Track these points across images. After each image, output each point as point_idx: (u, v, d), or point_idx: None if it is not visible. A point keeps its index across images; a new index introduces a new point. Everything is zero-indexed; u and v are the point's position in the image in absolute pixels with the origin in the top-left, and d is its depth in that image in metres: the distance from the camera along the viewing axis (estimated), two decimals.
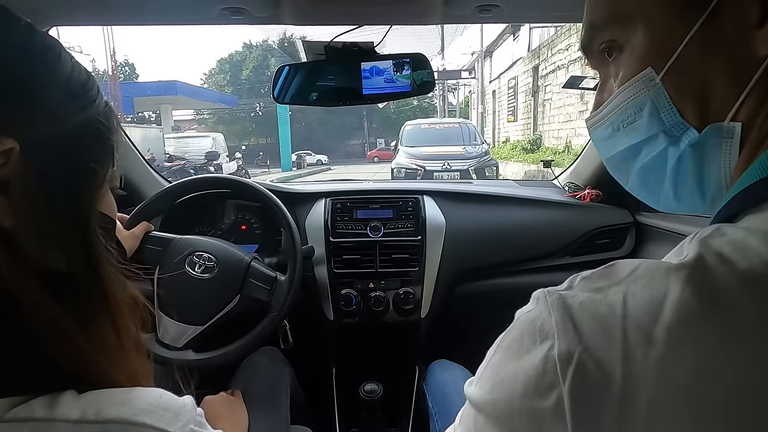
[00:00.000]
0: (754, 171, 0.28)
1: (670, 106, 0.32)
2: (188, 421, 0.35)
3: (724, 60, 0.30)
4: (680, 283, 0.24)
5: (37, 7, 0.79)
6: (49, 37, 0.37)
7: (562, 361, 0.25)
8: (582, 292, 0.27)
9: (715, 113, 0.31)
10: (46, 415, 0.31)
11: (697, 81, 0.31)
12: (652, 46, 0.32)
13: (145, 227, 0.99)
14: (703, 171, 0.33)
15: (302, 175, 14.66)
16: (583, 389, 0.25)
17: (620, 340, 0.24)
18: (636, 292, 0.25)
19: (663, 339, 0.24)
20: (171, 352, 0.91)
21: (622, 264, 0.28)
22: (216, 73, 29.65)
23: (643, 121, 0.34)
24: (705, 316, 0.24)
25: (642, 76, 0.33)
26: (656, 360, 0.24)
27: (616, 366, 0.24)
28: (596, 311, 0.26)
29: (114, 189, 0.43)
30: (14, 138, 0.32)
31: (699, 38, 0.30)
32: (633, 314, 0.25)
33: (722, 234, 0.26)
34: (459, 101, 26.42)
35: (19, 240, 0.33)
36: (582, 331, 0.26)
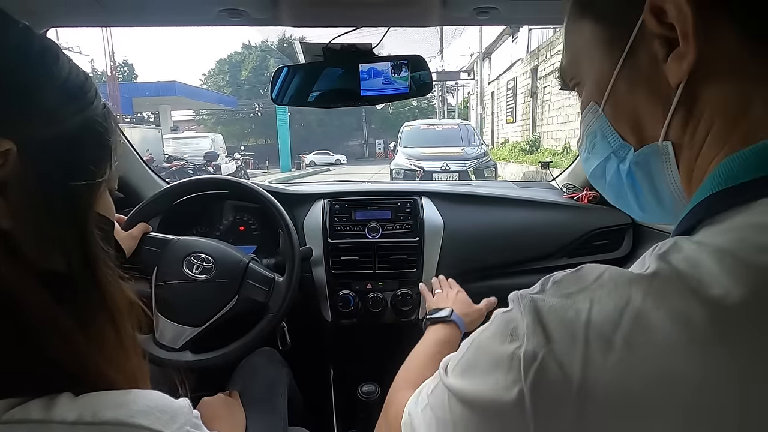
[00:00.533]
0: (707, 185, 0.31)
1: (612, 132, 0.38)
2: (185, 423, 0.35)
3: (646, 90, 0.35)
4: (641, 294, 0.27)
5: (35, 8, 0.79)
6: (46, 40, 0.37)
7: (526, 359, 0.28)
8: (552, 297, 0.30)
9: (649, 135, 0.36)
10: (43, 416, 0.31)
11: (629, 109, 0.36)
12: (593, 83, 0.39)
13: (143, 228, 0.99)
14: (655, 185, 0.37)
15: (301, 176, 14.66)
16: (543, 387, 0.27)
17: (582, 344, 0.27)
18: (601, 298, 0.28)
19: (621, 345, 0.26)
20: (168, 353, 0.91)
21: (589, 269, 0.30)
22: (215, 74, 29.65)
23: (599, 146, 0.40)
24: (661, 326, 0.25)
25: (590, 108, 0.39)
26: (614, 364, 0.26)
27: (576, 367, 0.26)
28: (564, 316, 0.28)
29: (112, 190, 0.43)
30: (12, 139, 0.33)
31: (624, 75, 0.36)
32: (596, 320, 0.27)
33: (679, 249, 0.28)
34: (458, 102, 26.44)
35: (17, 241, 0.33)
36: (550, 333, 0.28)
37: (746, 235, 0.27)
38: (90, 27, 0.95)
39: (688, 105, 0.33)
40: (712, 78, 0.31)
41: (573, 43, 0.41)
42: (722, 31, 0.31)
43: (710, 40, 0.31)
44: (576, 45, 0.40)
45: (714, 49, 0.31)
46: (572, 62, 0.41)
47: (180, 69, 74.37)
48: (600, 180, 0.42)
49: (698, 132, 0.33)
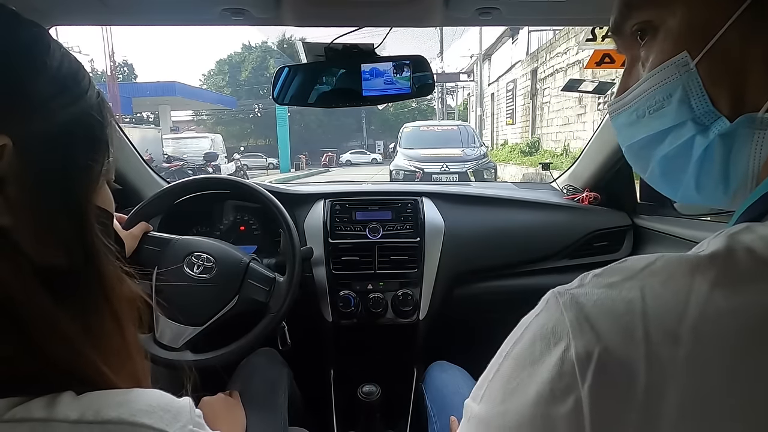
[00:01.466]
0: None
1: (702, 94, 0.31)
2: (187, 422, 0.35)
3: (764, 49, 0.29)
4: (707, 280, 0.23)
5: (36, 6, 0.78)
6: (36, 27, 0.36)
7: (580, 361, 0.24)
8: (595, 288, 0.26)
9: (749, 103, 0.30)
10: (45, 415, 0.30)
11: (734, 69, 0.30)
12: (689, 29, 0.31)
13: (143, 227, 0.98)
14: (730, 163, 0.31)
15: (301, 177, 14.66)
16: (605, 391, 0.24)
17: (643, 339, 0.23)
18: (655, 288, 0.24)
19: (690, 338, 0.23)
20: (169, 352, 0.91)
21: (635, 258, 0.27)
22: (215, 74, 29.65)
23: (671, 108, 0.33)
24: (734, 313, 0.23)
25: (675, 61, 0.32)
26: (684, 359, 0.23)
27: (640, 366, 0.23)
28: (613, 308, 0.25)
29: (110, 182, 0.42)
30: (7, 134, 0.32)
31: (741, 24, 0.29)
32: (655, 312, 0.24)
33: (752, 231, 0.25)
34: (458, 104, 26.46)
35: (17, 238, 0.33)
36: (600, 330, 0.24)
37: None
38: (92, 26, 0.95)
39: None
40: None
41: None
42: None
43: None
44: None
45: None
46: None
47: (180, 69, 74.43)
48: (645, 150, 0.35)
49: None
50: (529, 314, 0.29)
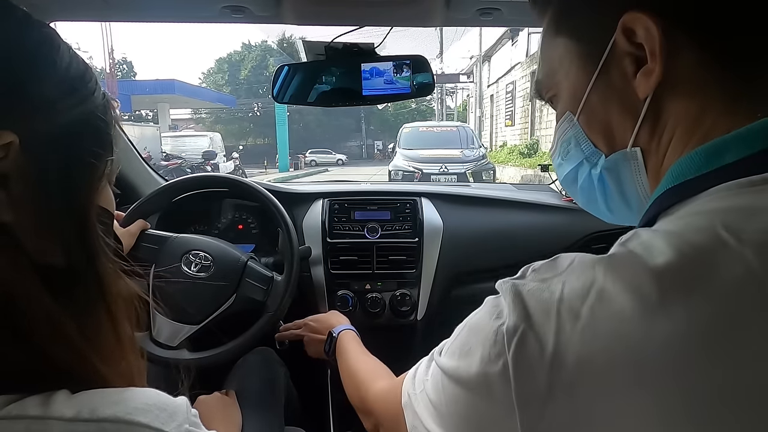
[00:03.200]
0: (663, 183, 0.36)
1: (585, 139, 0.42)
2: (183, 421, 0.35)
3: (618, 102, 0.38)
4: (602, 272, 0.31)
5: (35, 1, 0.78)
6: (46, 28, 0.36)
7: (509, 333, 0.32)
8: (532, 281, 0.34)
9: (619, 142, 0.39)
10: (41, 413, 0.30)
11: (601, 119, 0.40)
12: (569, 95, 0.42)
13: (141, 225, 0.98)
14: (623, 187, 0.41)
15: (299, 176, 14.65)
16: (523, 357, 0.31)
17: (555, 317, 0.31)
18: (572, 281, 0.32)
19: (587, 314, 0.30)
20: (165, 351, 0.90)
21: (563, 258, 0.35)
22: (214, 73, 29.62)
23: (572, 152, 0.43)
24: (618, 296, 0.29)
25: (566, 118, 0.43)
26: (580, 330, 0.29)
27: (550, 337, 0.30)
28: (540, 296, 0.32)
29: (111, 183, 0.42)
30: (14, 131, 0.32)
31: (597, 88, 0.39)
32: (567, 297, 0.31)
33: (637, 237, 0.33)
34: (457, 105, 26.49)
35: (18, 234, 0.33)
36: (528, 310, 0.32)
37: (690, 220, 0.31)
38: (91, 22, 0.95)
39: (654, 115, 0.36)
40: (675, 92, 0.35)
41: (549, 58, 0.43)
42: (685, 52, 0.34)
43: (674, 59, 0.34)
44: (552, 59, 0.43)
45: (677, 67, 0.34)
46: (549, 75, 0.44)
47: (179, 67, 74.31)
48: (572, 184, 0.46)
49: (663, 139, 0.37)
50: (488, 297, 0.38)
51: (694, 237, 0.30)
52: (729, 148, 0.33)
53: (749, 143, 0.32)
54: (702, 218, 0.31)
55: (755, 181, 0.31)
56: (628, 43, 0.36)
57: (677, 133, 0.36)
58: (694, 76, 0.34)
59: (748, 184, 0.31)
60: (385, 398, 0.60)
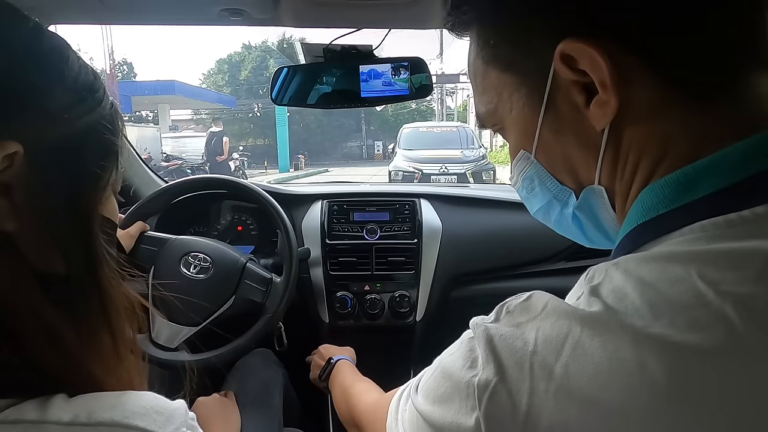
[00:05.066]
0: (632, 217, 0.33)
1: (549, 177, 0.38)
2: (180, 424, 0.35)
3: (574, 136, 0.35)
4: (579, 327, 0.28)
5: (35, 4, 0.78)
6: (56, 38, 0.36)
7: (480, 388, 0.30)
8: (505, 326, 0.31)
9: (585, 179, 0.36)
10: (38, 417, 0.30)
11: (560, 155, 0.36)
12: (518, 132, 0.38)
13: (140, 227, 0.98)
14: (599, 221, 0.38)
15: (299, 177, 14.65)
16: (495, 415, 0.29)
17: (528, 373, 0.28)
18: (545, 329, 0.29)
19: (561, 374, 0.27)
20: (165, 352, 0.90)
21: (537, 297, 0.32)
22: (214, 74, 29.62)
23: (538, 189, 0.40)
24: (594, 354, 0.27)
25: (521, 156, 0.39)
26: (554, 392, 0.27)
27: (523, 396, 0.28)
28: (513, 345, 0.30)
29: (116, 193, 0.42)
30: (19, 141, 0.32)
31: (548, 122, 0.35)
32: (540, 350, 0.28)
33: (610, 280, 0.30)
34: (457, 105, 26.47)
35: (19, 243, 0.33)
36: (502, 363, 0.29)
37: (663, 267, 0.28)
38: (91, 24, 0.95)
39: (614, 147, 0.33)
40: (635, 121, 0.32)
41: (485, 90, 0.39)
42: (639, 77, 0.31)
43: (628, 86, 0.31)
44: (489, 92, 0.39)
45: (634, 94, 0.31)
46: (490, 110, 0.40)
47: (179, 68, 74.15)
48: (545, 218, 0.43)
49: (626, 171, 0.34)
50: (465, 334, 0.34)
51: (670, 291, 0.27)
52: (701, 179, 0.30)
53: (723, 173, 0.29)
54: (677, 265, 0.28)
55: (732, 221, 0.28)
56: (570, 71, 0.32)
57: (641, 165, 0.33)
58: (651, 102, 0.31)
59: (725, 224, 0.28)
60: (373, 412, 0.59)
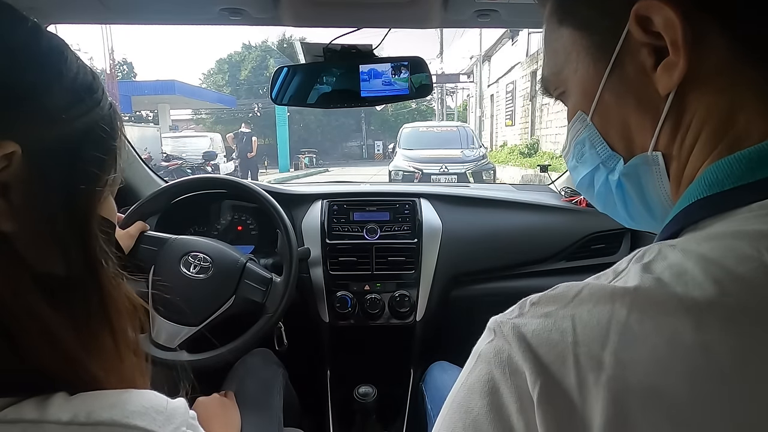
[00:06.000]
0: (691, 192, 0.31)
1: (601, 142, 0.37)
2: (181, 423, 0.35)
3: (635, 100, 0.34)
4: (624, 307, 0.26)
5: (35, 4, 0.78)
6: (55, 38, 0.36)
7: (533, 389, 0.26)
8: (533, 318, 0.28)
9: (638, 145, 0.35)
10: (37, 416, 0.30)
11: (617, 119, 0.36)
12: (579, 93, 0.38)
13: (140, 227, 0.98)
14: (644, 194, 0.36)
15: (299, 177, 14.65)
16: (551, 417, 0.25)
17: (573, 366, 0.25)
18: (583, 316, 0.26)
19: (611, 363, 0.25)
20: (165, 352, 0.90)
21: (566, 287, 0.29)
22: (214, 73, 29.58)
23: (587, 155, 0.39)
24: (649, 340, 0.25)
25: (578, 118, 0.39)
26: (605, 383, 0.25)
27: (574, 392, 0.25)
28: (549, 338, 0.27)
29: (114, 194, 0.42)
30: (17, 141, 0.32)
31: (611, 84, 0.35)
32: (583, 340, 0.26)
33: (663, 257, 0.27)
34: (457, 105, 26.46)
35: (17, 244, 0.32)
36: (541, 360, 0.26)
37: (729, 244, 0.26)
38: (90, 24, 0.95)
39: (676, 114, 0.32)
40: (701, 87, 0.31)
41: (554, 52, 0.39)
42: (711, 39, 0.30)
43: (699, 48, 0.30)
44: (558, 53, 0.39)
45: (703, 58, 0.30)
46: (555, 71, 0.40)
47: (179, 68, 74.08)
48: (588, 189, 0.41)
49: (686, 141, 0.32)
50: (480, 342, 0.31)
51: (737, 268, 0.25)
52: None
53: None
54: (744, 243, 0.26)
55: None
56: (643, 33, 0.31)
57: (703, 134, 0.31)
58: (723, 69, 0.30)
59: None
60: None
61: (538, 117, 11.97)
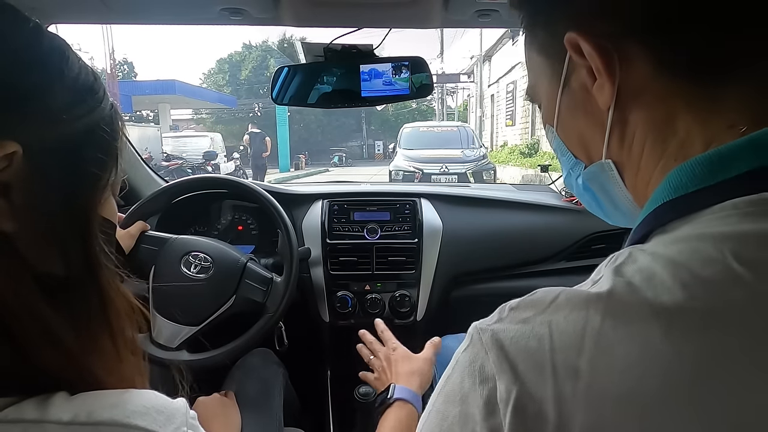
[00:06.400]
0: (658, 194, 0.32)
1: (566, 151, 0.41)
2: (181, 423, 0.35)
3: (584, 114, 0.37)
4: (598, 314, 0.26)
5: (36, 5, 0.78)
6: (57, 38, 0.36)
7: (502, 401, 0.27)
8: (511, 324, 0.29)
9: (595, 154, 0.38)
10: (38, 416, 0.30)
11: (574, 131, 0.39)
12: (546, 107, 0.41)
13: (141, 226, 0.98)
14: (610, 196, 0.39)
15: (300, 177, 14.66)
16: (522, 429, 0.26)
17: (551, 376, 0.26)
18: (560, 323, 0.27)
19: (587, 370, 0.25)
20: (165, 352, 0.90)
21: (543, 292, 0.30)
22: (215, 73, 29.59)
23: (562, 161, 0.43)
24: (621, 346, 0.25)
25: (548, 129, 0.42)
26: (584, 392, 0.25)
27: (549, 403, 0.25)
28: (527, 346, 0.27)
29: (115, 194, 0.43)
30: (18, 141, 0.32)
31: (565, 101, 0.38)
32: (559, 347, 0.26)
33: (633, 260, 0.29)
34: (457, 105, 26.46)
35: (18, 244, 0.33)
36: (518, 369, 0.27)
37: (695, 246, 0.27)
38: (91, 24, 0.95)
39: (620, 126, 0.35)
40: (635, 101, 0.33)
41: (529, 69, 0.43)
42: (637, 58, 0.32)
43: (628, 70, 0.32)
44: (531, 70, 0.43)
45: (632, 78, 0.32)
46: (531, 85, 0.44)
47: (180, 68, 74.10)
48: (569, 187, 0.45)
49: (633, 149, 0.35)
50: (458, 350, 0.32)
51: (703, 271, 0.26)
52: (738, 158, 0.29)
53: (760, 154, 0.28)
54: (708, 245, 0.27)
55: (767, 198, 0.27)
56: (579, 56, 0.34)
57: (648, 143, 0.34)
58: (652, 84, 0.32)
59: (761, 202, 0.27)
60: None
61: (538, 117, 11.93)
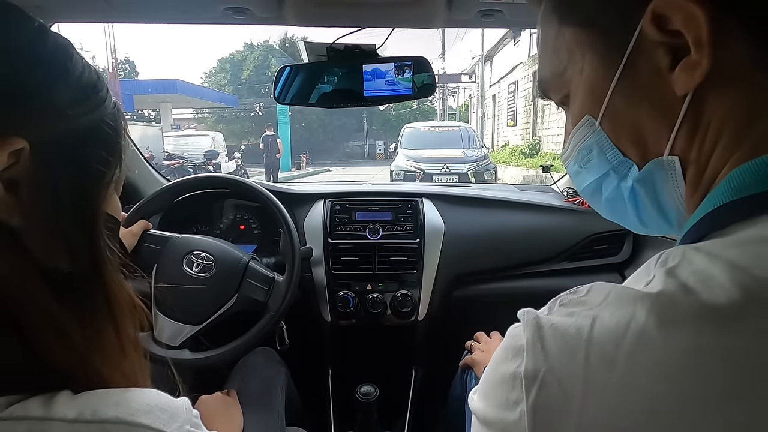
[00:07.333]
0: (716, 195, 0.30)
1: (612, 147, 0.35)
2: (184, 422, 0.35)
3: (648, 103, 0.33)
4: (645, 311, 0.25)
5: (39, 3, 0.78)
6: (61, 37, 0.37)
7: (528, 378, 0.27)
8: (557, 316, 0.29)
9: (652, 150, 0.33)
10: (43, 414, 0.31)
11: (629, 123, 0.34)
12: (586, 95, 0.36)
13: (143, 225, 0.99)
14: (659, 200, 0.35)
15: (301, 176, 14.66)
16: (544, 407, 0.26)
17: (583, 362, 0.26)
18: (604, 317, 0.26)
19: (624, 363, 0.25)
20: (167, 351, 0.91)
21: (596, 288, 0.29)
22: (216, 73, 29.60)
23: (595, 161, 0.37)
24: (667, 343, 0.24)
25: (585, 122, 0.36)
26: (616, 384, 0.25)
27: (578, 387, 0.25)
28: (564, 332, 0.27)
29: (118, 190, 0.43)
30: (25, 138, 0.32)
31: (622, 86, 0.33)
32: (597, 338, 0.26)
33: (689, 262, 0.27)
34: (459, 105, 26.47)
35: (25, 239, 0.33)
36: (548, 350, 0.27)
37: (758, 250, 0.26)
38: (94, 23, 0.95)
39: (694, 116, 0.31)
40: (721, 87, 0.30)
41: (555, 51, 0.37)
42: (734, 41, 0.29)
43: (721, 47, 0.29)
44: (559, 53, 0.37)
45: (725, 57, 0.29)
46: (557, 72, 0.38)
47: (181, 67, 74.24)
48: (594, 195, 0.40)
49: (706, 144, 0.31)
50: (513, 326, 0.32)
51: (764, 274, 0.24)
52: None
53: None
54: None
55: None
56: (659, 32, 0.30)
57: (724, 137, 0.30)
58: (743, 70, 0.29)
59: None
60: None
61: (539, 117, 11.96)
